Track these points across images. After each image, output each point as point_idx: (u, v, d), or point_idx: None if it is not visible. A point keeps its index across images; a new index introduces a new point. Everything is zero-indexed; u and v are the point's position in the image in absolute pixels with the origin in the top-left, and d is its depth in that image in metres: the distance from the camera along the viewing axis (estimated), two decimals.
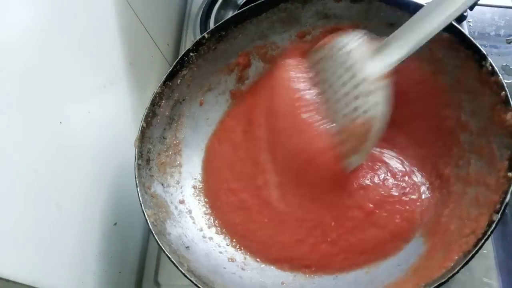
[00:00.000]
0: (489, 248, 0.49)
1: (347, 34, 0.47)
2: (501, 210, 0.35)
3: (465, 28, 0.66)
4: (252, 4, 0.52)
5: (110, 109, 0.53)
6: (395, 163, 0.49)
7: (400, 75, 0.43)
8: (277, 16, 0.54)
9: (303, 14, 0.54)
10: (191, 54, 0.52)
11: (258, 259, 0.48)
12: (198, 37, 0.52)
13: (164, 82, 0.50)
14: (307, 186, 0.48)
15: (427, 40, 0.40)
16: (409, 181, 0.47)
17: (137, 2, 0.60)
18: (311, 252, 0.46)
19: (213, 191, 0.52)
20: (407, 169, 0.48)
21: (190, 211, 0.50)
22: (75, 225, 0.43)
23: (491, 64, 0.41)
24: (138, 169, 0.46)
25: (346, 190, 0.47)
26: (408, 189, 0.46)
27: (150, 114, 0.49)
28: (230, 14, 0.72)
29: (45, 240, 0.38)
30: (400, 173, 0.48)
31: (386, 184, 0.47)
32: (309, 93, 0.49)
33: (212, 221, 0.51)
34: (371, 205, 0.46)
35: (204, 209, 0.51)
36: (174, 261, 0.40)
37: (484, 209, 0.38)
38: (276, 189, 0.50)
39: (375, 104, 0.42)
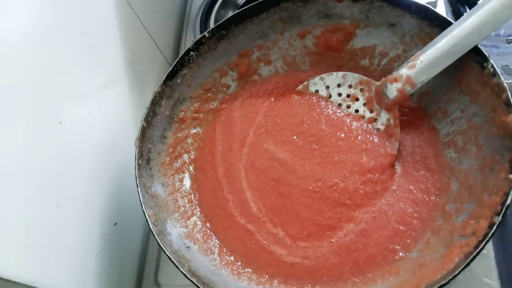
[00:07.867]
0: (489, 248, 0.49)
1: None
2: (502, 212, 0.35)
3: None
4: (253, 3, 0.52)
5: (110, 109, 0.53)
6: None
7: None
8: (278, 15, 0.54)
9: (304, 14, 0.54)
10: (191, 53, 0.52)
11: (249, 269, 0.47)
12: (199, 36, 0.52)
13: (165, 81, 0.50)
14: None
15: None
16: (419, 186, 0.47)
17: (137, 2, 0.60)
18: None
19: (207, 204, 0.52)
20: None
21: (190, 212, 0.50)
22: (75, 225, 0.43)
23: (492, 66, 0.41)
24: (139, 168, 0.46)
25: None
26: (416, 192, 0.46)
27: (151, 113, 0.49)
28: (230, 14, 0.72)
29: (45, 240, 0.38)
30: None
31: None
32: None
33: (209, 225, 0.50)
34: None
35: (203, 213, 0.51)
36: (175, 262, 0.40)
37: (485, 211, 0.38)
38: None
39: None
